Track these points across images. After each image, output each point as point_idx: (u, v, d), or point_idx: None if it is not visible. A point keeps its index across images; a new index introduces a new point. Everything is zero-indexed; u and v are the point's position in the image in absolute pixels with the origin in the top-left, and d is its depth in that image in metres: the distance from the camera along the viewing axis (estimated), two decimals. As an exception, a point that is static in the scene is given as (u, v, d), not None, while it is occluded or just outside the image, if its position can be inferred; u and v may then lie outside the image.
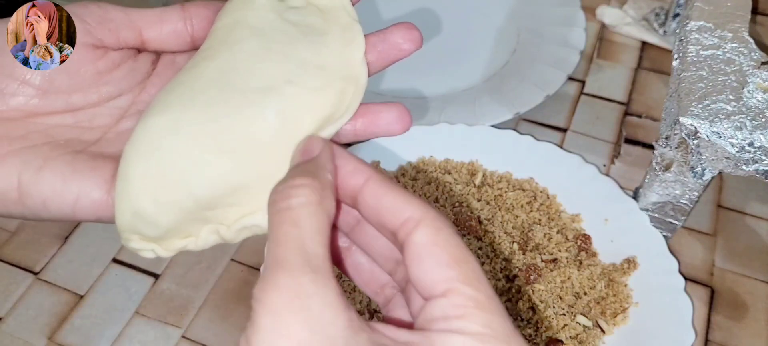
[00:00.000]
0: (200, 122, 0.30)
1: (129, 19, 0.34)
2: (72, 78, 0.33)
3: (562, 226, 0.56)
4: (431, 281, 0.26)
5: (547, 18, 0.75)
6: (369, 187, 0.28)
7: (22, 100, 0.33)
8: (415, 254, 0.26)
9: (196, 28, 0.35)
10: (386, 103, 0.34)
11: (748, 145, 0.48)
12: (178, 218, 0.30)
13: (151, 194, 0.30)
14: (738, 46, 0.53)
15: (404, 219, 0.27)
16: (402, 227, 0.27)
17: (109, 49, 0.34)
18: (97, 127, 0.34)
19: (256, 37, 0.32)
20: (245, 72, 0.31)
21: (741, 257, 0.58)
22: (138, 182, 0.30)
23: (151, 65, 0.36)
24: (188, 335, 0.53)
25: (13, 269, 0.56)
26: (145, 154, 0.30)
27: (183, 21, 0.35)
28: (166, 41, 0.35)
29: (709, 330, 0.53)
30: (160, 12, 0.35)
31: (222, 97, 0.30)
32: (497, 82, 0.70)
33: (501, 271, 0.53)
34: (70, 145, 0.33)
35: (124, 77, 0.35)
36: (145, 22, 0.34)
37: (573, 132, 0.67)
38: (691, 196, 0.54)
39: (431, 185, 0.58)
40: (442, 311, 0.25)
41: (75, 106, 0.34)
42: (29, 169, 0.31)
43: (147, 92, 0.35)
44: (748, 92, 0.49)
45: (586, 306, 0.52)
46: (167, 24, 0.35)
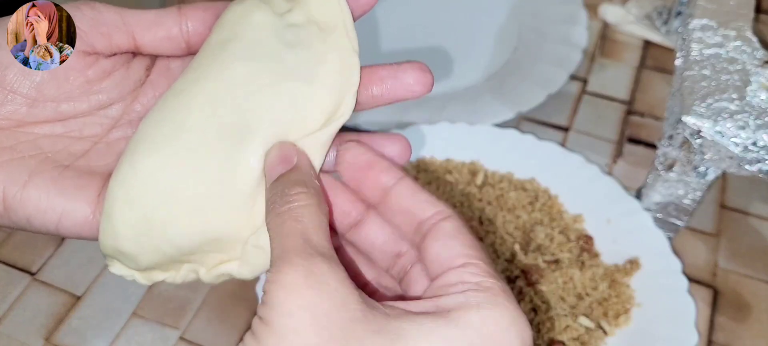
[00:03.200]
0: (185, 172, 0.30)
1: (123, 21, 0.33)
2: (61, 86, 0.33)
3: (564, 226, 0.56)
4: (453, 254, 0.28)
5: (549, 16, 0.75)
6: (404, 183, 0.31)
7: (10, 109, 0.32)
8: (442, 235, 0.29)
9: (192, 33, 0.34)
10: (404, 64, 0.34)
11: (751, 144, 0.47)
12: (159, 260, 0.31)
13: (132, 238, 0.31)
14: (741, 45, 0.52)
15: (436, 211, 0.29)
16: (433, 217, 0.29)
17: (101, 56, 0.33)
18: (87, 137, 0.34)
19: (248, 62, 0.31)
20: (233, 107, 0.31)
21: (744, 258, 0.57)
22: (120, 225, 0.31)
23: (144, 72, 0.35)
24: (186, 337, 0.52)
25: (10, 270, 0.56)
26: (130, 200, 0.31)
27: (179, 26, 0.34)
28: (160, 46, 0.34)
29: (712, 331, 0.53)
30: (155, 15, 0.34)
31: (208, 140, 0.30)
32: (499, 80, 0.69)
33: (502, 272, 0.52)
34: (58, 158, 0.33)
35: (116, 86, 0.34)
36: (139, 26, 0.34)
37: (575, 131, 0.67)
38: (694, 196, 0.53)
39: (432, 185, 0.58)
40: (459, 277, 0.27)
41: (64, 115, 0.33)
42: (14, 185, 0.31)
43: (139, 102, 0.35)
44: (751, 91, 0.49)
45: (588, 307, 0.51)
46: (162, 28, 0.34)
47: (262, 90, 0.31)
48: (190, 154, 0.30)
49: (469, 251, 0.28)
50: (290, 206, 0.28)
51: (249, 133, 0.31)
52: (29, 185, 0.31)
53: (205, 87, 0.31)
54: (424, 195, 0.30)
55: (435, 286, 0.28)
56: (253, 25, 0.32)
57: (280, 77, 0.31)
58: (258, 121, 0.31)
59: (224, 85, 0.31)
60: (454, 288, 0.27)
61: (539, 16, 0.75)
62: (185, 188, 0.30)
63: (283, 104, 0.31)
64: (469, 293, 0.26)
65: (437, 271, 0.28)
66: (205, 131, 0.31)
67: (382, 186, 0.31)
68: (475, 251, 0.28)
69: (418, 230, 0.30)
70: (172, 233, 0.31)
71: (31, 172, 0.31)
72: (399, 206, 0.31)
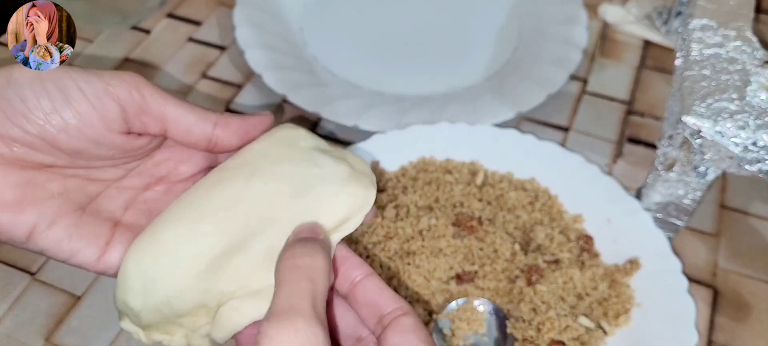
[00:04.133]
0: (197, 251, 0.35)
1: (163, 116, 0.37)
2: (96, 150, 0.36)
3: (564, 226, 0.56)
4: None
5: (549, 16, 0.75)
6: (371, 280, 0.35)
7: (51, 159, 0.36)
8: (402, 329, 0.32)
9: (219, 140, 0.38)
10: None
11: (751, 144, 0.47)
12: (157, 319, 0.36)
13: (141, 296, 0.36)
14: (741, 45, 0.52)
15: (396, 306, 0.34)
16: (393, 312, 0.33)
17: (133, 133, 0.37)
18: (103, 181, 0.39)
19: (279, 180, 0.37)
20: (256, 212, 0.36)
21: (744, 258, 0.57)
22: (135, 283, 0.36)
23: (163, 139, 0.40)
24: (186, 337, 0.52)
25: (10, 270, 0.56)
26: (147, 265, 0.36)
27: (210, 138, 0.38)
28: (185, 142, 0.38)
29: (712, 331, 0.53)
30: (195, 118, 0.37)
31: (223, 227, 0.36)
32: (498, 80, 0.69)
33: (502, 272, 0.52)
34: (77, 198, 0.37)
35: (141, 152, 0.39)
36: (175, 128, 0.37)
37: (575, 131, 0.67)
38: (694, 196, 0.53)
39: (432, 185, 0.58)
40: None
41: (92, 165, 0.38)
42: (42, 223, 0.35)
43: (152, 162, 0.40)
44: (751, 91, 0.49)
45: (588, 307, 0.51)
46: (193, 136, 0.38)
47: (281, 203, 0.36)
48: (206, 236, 0.35)
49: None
50: (311, 261, 0.32)
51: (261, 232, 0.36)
52: (55, 225, 0.36)
53: (235, 184, 0.37)
54: (388, 292, 0.35)
55: None
56: (295, 147, 0.38)
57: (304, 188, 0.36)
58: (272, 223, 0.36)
59: (254, 194, 0.36)
60: None
61: (539, 16, 0.75)
62: (194, 266, 0.35)
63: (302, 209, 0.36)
64: None
65: None
66: (221, 221, 0.36)
67: (352, 280, 0.35)
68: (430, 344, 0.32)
69: (380, 322, 0.34)
70: (174, 299, 0.35)
71: (57, 212, 0.36)
72: (364, 299, 0.35)
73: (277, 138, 0.39)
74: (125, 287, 0.36)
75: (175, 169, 0.41)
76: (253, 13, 0.73)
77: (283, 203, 0.36)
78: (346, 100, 0.65)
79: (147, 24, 0.77)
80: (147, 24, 0.77)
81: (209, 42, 0.76)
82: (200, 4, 0.80)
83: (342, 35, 0.75)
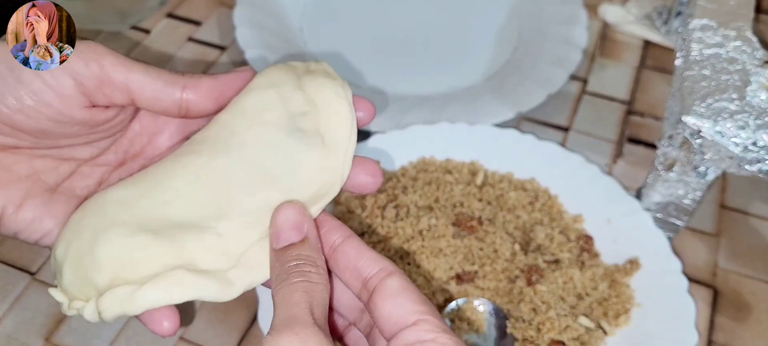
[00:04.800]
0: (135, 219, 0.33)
1: (127, 86, 0.35)
2: (62, 129, 0.35)
3: (564, 226, 0.56)
4: (405, 312, 0.30)
5: (549, 16, 0.75)
6: (349, 243, 0.33)
7: (13, 141, 0.35)
8: (389, 293, 0.30)
9: (191, 104, 0.36)
10: (361, 161, 0.37)
11: (751, 144, 0.47)
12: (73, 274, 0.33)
13: (73, 260, 0.33)
14: (741, 45, 0.52)
15: (379, 268, 0.31)
16: (377, 275, 0.31)
17: (100, 107, 0.35)
18: (76, 160, 0.37)
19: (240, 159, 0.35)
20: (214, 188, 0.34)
21: (744, 258, 0.57)
22: (69, 240, 0.34)
23: (135, 110, 0.38)
24: (186, 337, 0.52)
25: (10, 270, 0.56)
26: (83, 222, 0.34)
27: (179, 105, 0.36)
28: (156, 110, 0.36)
29: (712, 331, 0.53)
30: (161, 82, 0.35)
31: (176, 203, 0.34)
32: (498, 80, 0.69)
33: (502, 272, 0.52)
34: (47, 178, 0.36)
35: (110, 126, 0.37)
36: (141, 96, 0.35)
37: (575, 131, 0.67)
38: (694, 196, 0.53)
39: (432, 185, 0.58)
40: (416, 336, 0.29)
41: (60, 144, 0.36)
42: (11, 205, 0.35)
43: (126, 136, 0.38)
44: (751, 91, 0.49)
45: (588, 307, 0.51)
46: (162, 104, 0.35)
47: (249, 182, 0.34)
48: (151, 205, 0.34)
49: (420, 307, 0.30)
50: (303, 280, 0.30)
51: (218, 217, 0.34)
52: (24, 206, 0.35)
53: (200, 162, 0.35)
54: (369, 253, 0.32)
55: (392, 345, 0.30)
56: (261, 121, 0.35)
57: (262, 183, 0.34)
58: (232, 209, 0.34)
59: (216, 173, 0.34)
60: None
61: (539, 16, 0.75)
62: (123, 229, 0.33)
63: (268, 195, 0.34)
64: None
65: (392, 330, 0.30)
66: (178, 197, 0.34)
67: (331, 244, 0.34)
68: (424, 306, 0.30)
69: (365, 287, 0.32)
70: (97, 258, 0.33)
71: (26, 194, 0.35)
72: (346, 264, 0.33)
73: (252, 109, 0.36)
74: (59, 243, 0.34)
75: (151, 143, 0.39)
76: (254, 13, 0.73)
77: (247, 188, 0.34)
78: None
79: (147, 24, 0.77)
80: (147, 24, 0.77)
81: (209, 42, 0.76)
82: (200, 4, 0.80)
83: (342, 35, 0.75)
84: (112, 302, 0.32)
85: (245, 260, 0.33)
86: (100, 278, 0.32)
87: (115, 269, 0.32)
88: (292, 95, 0.36)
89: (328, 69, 0.38)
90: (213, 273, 0.33)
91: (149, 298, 0.31)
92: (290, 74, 0.37)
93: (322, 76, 0.37)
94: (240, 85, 0.37)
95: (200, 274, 0.32)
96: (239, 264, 0.33)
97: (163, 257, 0.32)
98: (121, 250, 0.32)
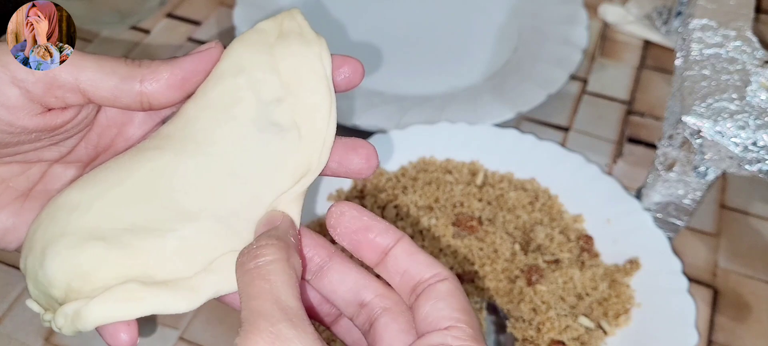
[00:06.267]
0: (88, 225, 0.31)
1: (78, 86, 0.32)
2: (20, 136, 0.32)
3: (564, 226, 0.56)
4: (441, 316, 0.28)
5: (549, 16, 0.75)
6: (402, 245, 0.31)
7: None
8: (434, 296, 0.29)
9: (152, 97, 0.33)
10: (355, 144, 0.34)
11: (751, 144, 0.47)
12: (34, 288, 0.31)
13: (24, 257, 0.32)
14: (741, 45, 0.52)
15: (433, 273, 0.30)
16: (431, 278, 0.30)
17: (55, 109, 0.33)
18: (46, 161, 0.35)
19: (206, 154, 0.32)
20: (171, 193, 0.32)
21: (744, 258, 0.57)
22: (34, 246, 0.32)
23: (97, 108, 0.35)
24: (185, 337, 0.52)
25: (10, 270, 0.56)
26: (41, 228, 0.32)
27: (139, 100, 0.33)
28: (118, 108, 0.34)
29: (712, 331, 0.53)
30: (116, 78, 0.32)
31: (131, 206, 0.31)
32: (499, 80, 0.69)
33: (502, 272, 0.52)
34: (18, 184, 0.34)
35: (72, 127, 0.34)
36: (95, 94, 0.32)
37: (575, 131, 0.67)
38: (694, 196, 0.53)
39: (432, 185, 0.58)
40: (442, 340, 0.27)
41: (23, 150, 0.34)
42: None
43: (94, 132, 0.36)
44: (751, 91, 0.49)
45: (588, 307, 0.51)
46: (123, 100, 0.33)
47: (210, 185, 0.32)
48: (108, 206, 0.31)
49: (458, 315, 0.28)
50: (257, 263, 0.28)
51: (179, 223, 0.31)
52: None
53: (163, 157, 0.32)
54: (423, 256, 0.30)
55: (416, 345, 0.28)
56: (231, 117, 0.33)
57: (234, 185, 0.32)
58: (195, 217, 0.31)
59: (182, 171, 0.32)
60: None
61: (539, 17, 0.75)
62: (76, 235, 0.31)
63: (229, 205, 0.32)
64: None
65: (424, 330, 0.28)
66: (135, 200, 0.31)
67: (382, 248, 0.31)
68: (464, 315, 0.28)
69: (414, 291, 0.30)
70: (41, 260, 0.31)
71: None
72: (396, 268, 0.31)
73: (221, 103, 0.33)
74: (22, 255, 0.32)
75: (121, 134, 0.36)
76: (253, 13, 0.73)
77: (217, 190, 0.32)
78: (346, 100, 0.65)
79: (146, 24, 0.77)
80: (146, 24, 0.77)
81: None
82: (200, 4, 0.80)
83: (342, 36, 0.75)
84: (64, 320, 0.30)
85: (215, 267, 0.31)
86: (56, 292, 0.30)
87: (68, 282, 0.30)
88: (265, 78, 0.33)
89: (302, 25, 0.35)
90: (173, 282, 0.30)
91: (97, 315, 0.29)
92: (261, 49, 0.34)
93: (296, 44, 0.34)
94: (206, 67, 0.34)
95: (156, 286, 0.30)
96: (206, 270, 0.31)
97: (116, 266, 0.30)
98: (69, 263, 0.30)
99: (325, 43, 0.34)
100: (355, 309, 0.32)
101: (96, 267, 0.30)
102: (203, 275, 0.30)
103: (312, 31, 0.35)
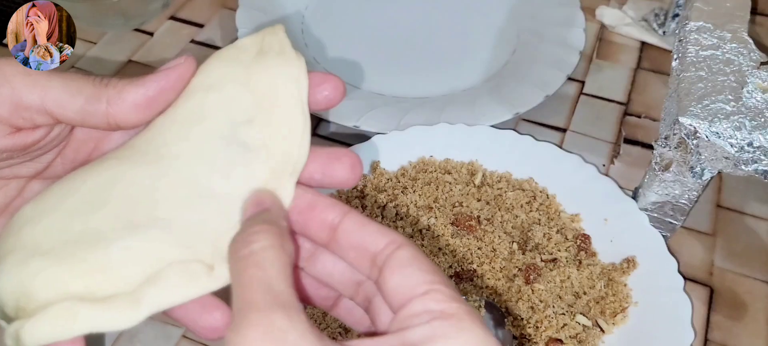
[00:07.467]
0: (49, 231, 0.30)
1: (44, 108, 0.31)
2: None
3: (561, 226, 0.57)
4: (415, 283, 0.27)
5: (547, 18, 0.75)
6: (350, 218, 0.30)
7: None
8: (399, 265, 0.28)
9: (120, 120, 0.32)
10: (338, 154, 0.33)
11: (747, 145, 0.48)
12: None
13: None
14: (737, 47, 0.53)
15: (388, 241, 0.28)
16: (386, 248, 0.28)
17: (25, 129, 0.32)
18: (22, 177, 0.35)
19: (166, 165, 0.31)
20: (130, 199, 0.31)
21: (740, 257, 0.58)
22: None
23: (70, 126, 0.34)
24: (189, 335, 0.53)
25: None
26: (2, 234, 0.31)
27: (106, 121, 0.32)
28: (88, 127, 0.33)
29: (709, 330, 0.53)
30: (81, 99, 0.32)
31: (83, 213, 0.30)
32: (497, 82, 0.70)
33: (500, 270, 0.53)
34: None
35: (47, 142, 0.34)
36: (64, 115, 0.32)
37: (572, 132, 0.67)
38: (690, 196, 0.54)
39: (431, 185, 0.58)
40: (424, 306, 0.26)
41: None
42: None
43: (70, 147, 0.35)
44: (747, 92, 0.50)
45: (585, 306, 0.52)
46: (91, 121, 0.32)
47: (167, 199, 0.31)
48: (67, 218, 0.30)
49: (430, 277, 0.27)
50: (251, 250, 0.27)
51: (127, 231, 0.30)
52: None
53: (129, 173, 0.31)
54: (374, 226, 0.29)
55: (400, 318, 0.27)
56: (198, 132, 0.32)
57: (192, 198, 0.31)
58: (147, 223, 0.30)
59: (138, 181, 0.31)
60: (418, 318, 0.26)
61: (537, 19, 0.76)
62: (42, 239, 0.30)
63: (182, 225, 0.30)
64: (435, 323, 0.26)
65: (400, 301, 0.27)
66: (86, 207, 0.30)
67: (329, 224, 0.30)
68: (435, 276, 0.27)
69: (374, 263, 0.29)
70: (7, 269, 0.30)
71: None
72: (349, 242, 0.29)
73: (189, 119, 0.32)
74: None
75: (98, 149, 0.35)
76: (256, 16, 0.74)
77: (173, 202, 0.31)
78: (346, 101, 0.65)
79: (150, 26, 0.78)
80: (150, 26, 0.78)
81: (212, 44, 0.76)
82: (203, 6, 0.80)
83: (343, 38, 0.76)
84: (12, 341, 0.28)
85: (159, 277, 0.29)
86: (9, 310, 0.29)
87: (16, 300, 0.28)
88: (237, 97, 0.32)
89: (283, 42, 0.34)
90: (113, 298, 0.28)
91: (35, 335, 0.27)
92: (237, 66, 0.33)
93: (274, 63, 0.33)
94: (175, 85, 0.33)
95: (94, 302, 0.28)
96: (149, 282, 0.28)
97: (56, 283, 0.28)
98: (16, 280, 0.29)
99: (304, 62, 0.33)
100: (354, 288, 0.32)
101: (38, 285, 0.28)
102: (146, 287, 0.28)
103: (292, 49, 0.33)
